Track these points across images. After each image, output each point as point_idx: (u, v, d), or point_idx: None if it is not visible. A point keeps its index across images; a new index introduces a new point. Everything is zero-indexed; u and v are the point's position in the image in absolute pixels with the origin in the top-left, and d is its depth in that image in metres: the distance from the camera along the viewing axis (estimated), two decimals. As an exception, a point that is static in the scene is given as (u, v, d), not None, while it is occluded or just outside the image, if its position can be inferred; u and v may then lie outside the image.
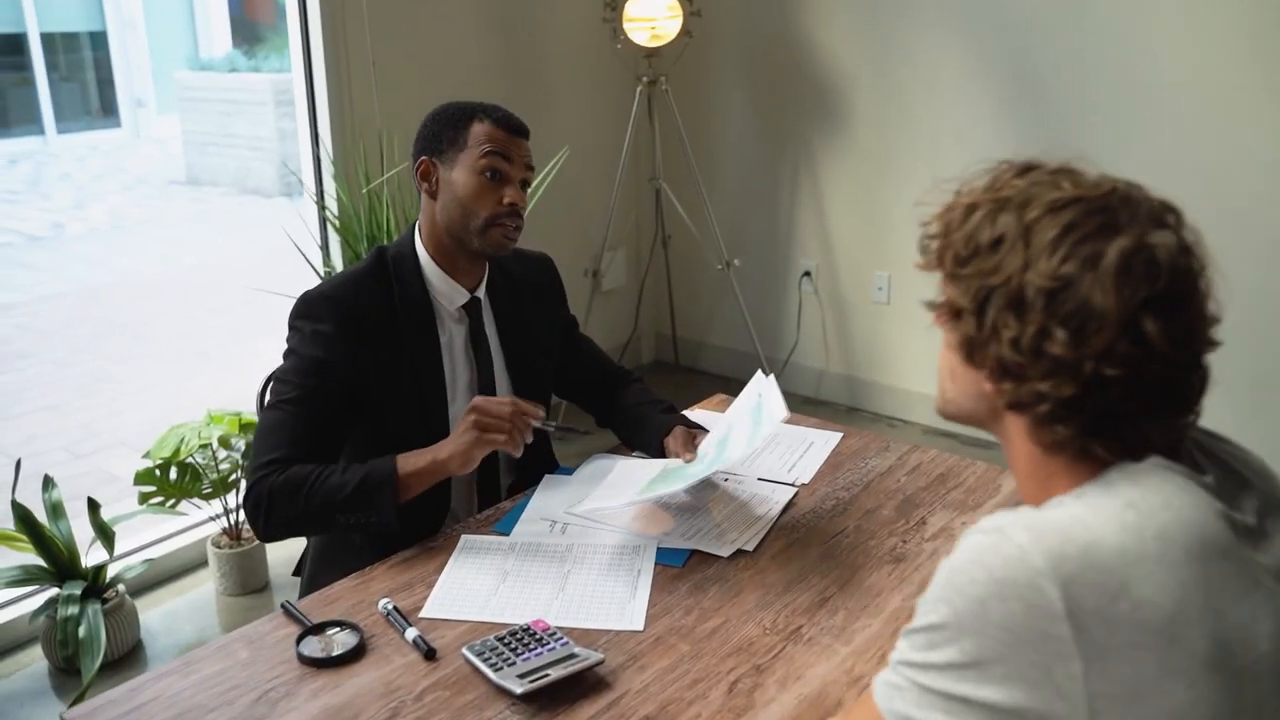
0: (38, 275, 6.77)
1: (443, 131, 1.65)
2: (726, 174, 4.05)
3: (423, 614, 1.37)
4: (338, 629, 1.32)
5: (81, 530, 2.51)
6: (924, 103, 3.49)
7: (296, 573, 1.86)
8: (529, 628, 1.29)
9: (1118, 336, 0.79)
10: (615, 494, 1.61)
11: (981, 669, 0.78)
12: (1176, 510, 0.80)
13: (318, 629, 1.33)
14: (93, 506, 2.45)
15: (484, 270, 1.73)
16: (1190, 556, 0.78)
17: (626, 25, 3.47)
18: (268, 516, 1.51)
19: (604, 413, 1.91)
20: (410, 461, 1.52)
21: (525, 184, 1.68)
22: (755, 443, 1.53)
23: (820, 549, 1.51)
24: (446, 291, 1.68)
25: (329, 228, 3.06)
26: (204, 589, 2.85)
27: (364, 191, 2.87)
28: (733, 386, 1.67)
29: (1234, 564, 0.80)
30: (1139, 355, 0.80)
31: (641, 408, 1.85)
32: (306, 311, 1.59)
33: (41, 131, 11.07)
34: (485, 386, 1.72)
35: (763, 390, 1.62)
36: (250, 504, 1.52)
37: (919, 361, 3.70)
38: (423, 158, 1.66)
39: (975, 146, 3.37)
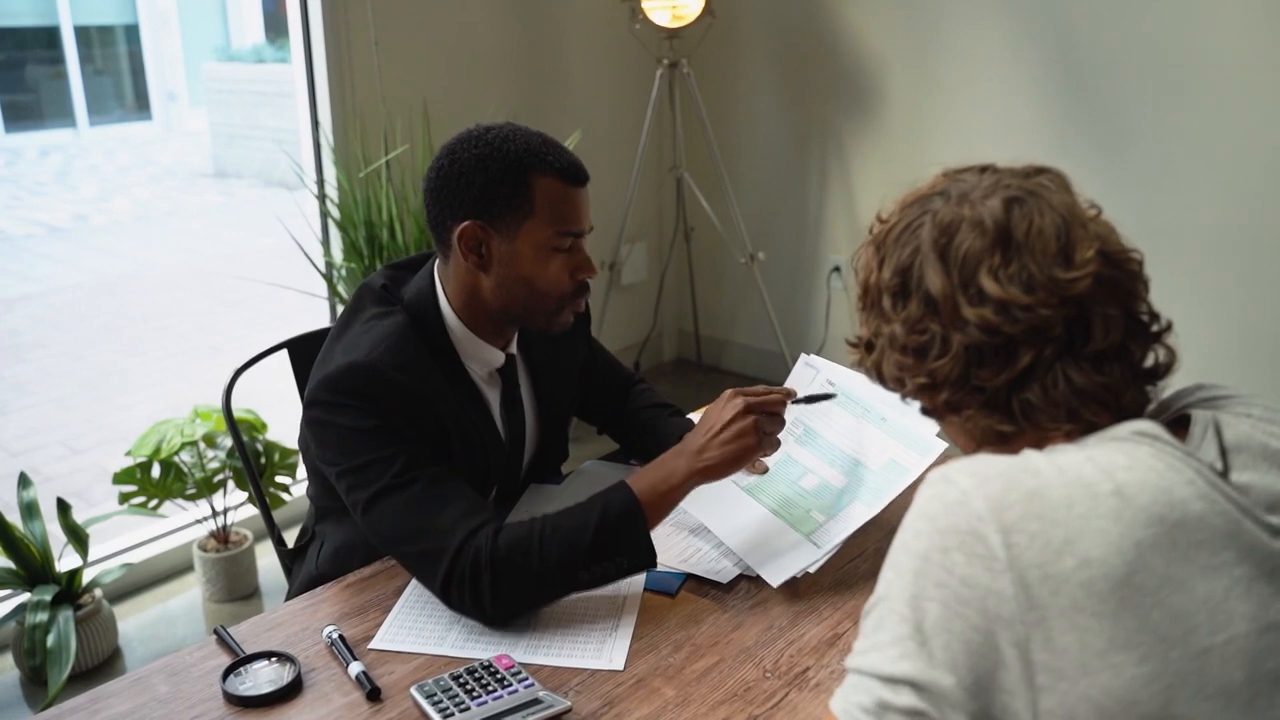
0: (55, 267, 6.70)
1: (495, 190, 1.30)
2: (752, 163, 3.86)
3: (373, 644, 1.20)
4: (272, 661, 1.15)
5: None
6: (962, 87, 3.28)
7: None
8: (490, 665, 1.12)
9: (959, 303, 0.81)
10: (777, 548, 1.33)
11: (925, 642, 0.72)
12: (1142, 472, 0.74)
13: (249, 660, 1.16)
14: (62, 508, 2.29)
15: (517, 327, 1.47)
16: (1151, 519, 0.71)
17: (646, 4, 3.28)
18: (496, 588, 1.19)
19: (608, 420, 1.72)
20: (650, 483, 1.26)
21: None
22: (913, 459, 1.31)
23: (834, 575, 1.32)
24: (477, 355, 1.41)
25: (329, 220, 2.91)
26: (190, 595, 2.70)
27: (361, 175, 2.71)
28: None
29: (1210, 535, 0.72)
30: (993, 313, 0.79)
31: (646, 411, 1.67)
32: (349, 386, 1.28)
33: (74, 124, 11.08)
34: (516, 447, 1.50)
35: (833, 378, 1.44)
36: (466, 580, 1.19)
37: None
38: (467, 222, 1.32)
39: (1016, 133, 3.17)
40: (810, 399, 1.40)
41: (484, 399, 1.43)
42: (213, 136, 10.15)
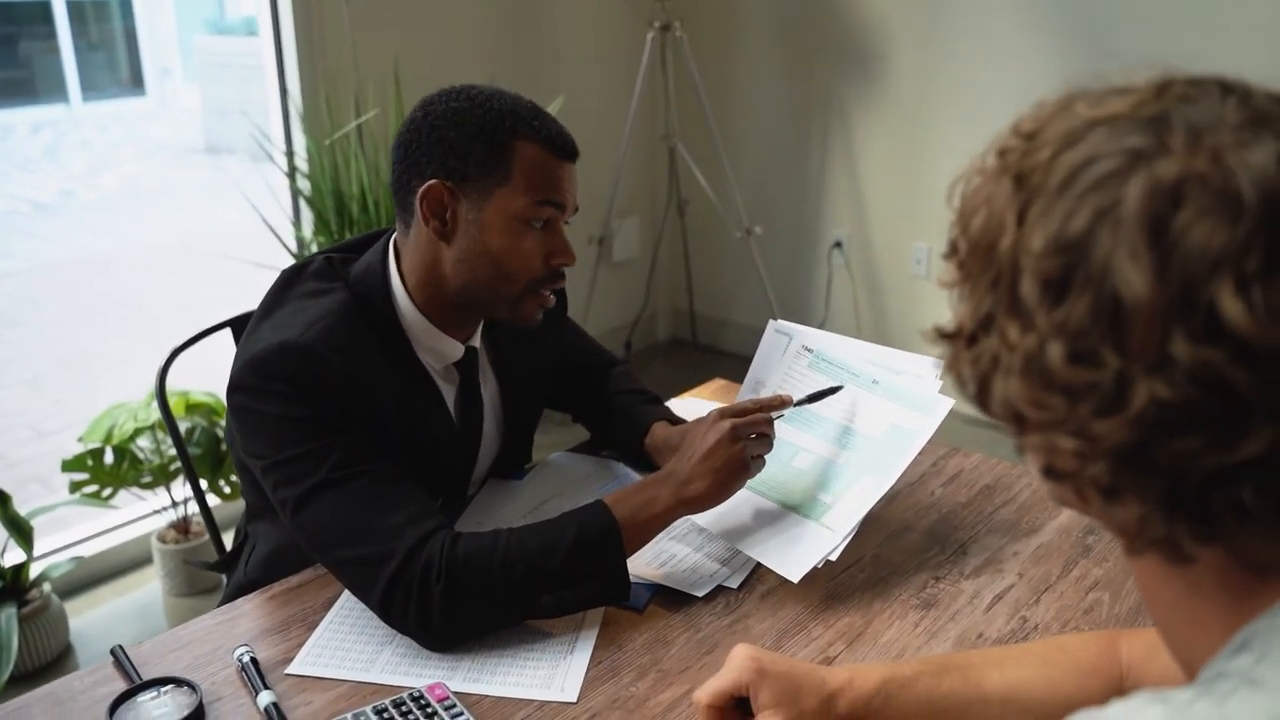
0: (38, 244, 6.55)
1: (470, 148, 1.15)
2: (749, 132, 3.68)
3: (291, 669, 1.04)
4: (168, 689, 1.00)
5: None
6: (971, 51, 3.10)
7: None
8: (421, 696, 0.96)
9: (1169, 330, 0.46)
10: (787, 538, 1.18)
11: None
12: None
13: (145, 688, 1.00)
14: (2, 499, 2.14)
15: (480, 317, 1.30)
16: None
17: (636, -38, 3.11)
18: (448, 602, 1.04)
19: (583, 407, 1.55)
20: (631, 509, 1.12)
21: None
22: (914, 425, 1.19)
23: (825, 588, 1.16)
24: (430, 344, 1.24)
25: (298, 195, 2.74)
26: (148, 589, 2.55)
27: (328, 142, 2.55)
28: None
29: None
30: (1223, 358, 0.45)
31: (620, 397, 1.50)
32: (279, 369, 1.11)
33: (66, 100, 10.90)
34: (471, 446, 1.33)
35: (808, 344, 1.31)
36: (414, 590, 1.04)
37: (961, 342, 3.32)
38: (433, 180, 1.15)
39: (1030, 101, 2.98)
40: (814, 397, 1.24)
41: (438, 393, 1.26)
42: (204, 111, 9.97)
